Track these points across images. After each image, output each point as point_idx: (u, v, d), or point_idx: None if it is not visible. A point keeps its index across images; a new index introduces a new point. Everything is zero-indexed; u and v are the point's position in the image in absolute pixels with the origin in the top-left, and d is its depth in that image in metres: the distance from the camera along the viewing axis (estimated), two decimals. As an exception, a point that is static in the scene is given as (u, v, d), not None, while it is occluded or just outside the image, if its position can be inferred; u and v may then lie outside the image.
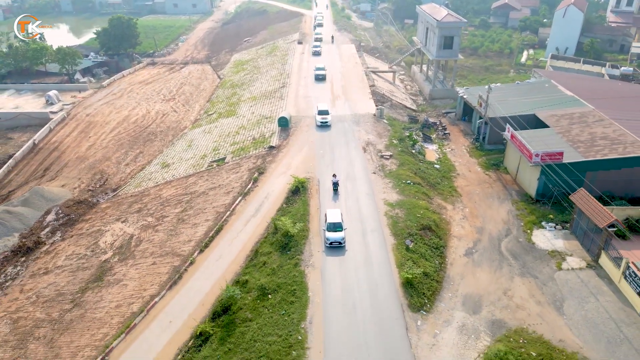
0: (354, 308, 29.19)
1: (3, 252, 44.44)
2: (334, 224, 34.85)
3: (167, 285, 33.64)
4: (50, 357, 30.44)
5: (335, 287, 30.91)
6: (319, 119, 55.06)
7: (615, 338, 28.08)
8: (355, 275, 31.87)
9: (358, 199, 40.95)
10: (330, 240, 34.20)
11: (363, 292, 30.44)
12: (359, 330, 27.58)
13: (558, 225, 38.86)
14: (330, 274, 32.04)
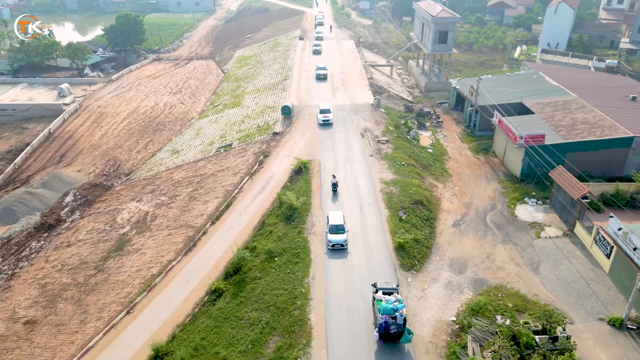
0: (351, 267, 32.69)
1: (26, 228, 47.95)
2: (336, 226, 34.57)
3: (182, 252, 37.15)
4: (79, 313, 33.92)
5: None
6: (321, 117, 55.78)
7: (585, 293, 31.57)
8: (354, 241, 35.32)
9: (356, 178, 44.43)
10: (332, 242, 33.87)
11: (360, 254, 33.92)
12: (356, 285, 31.06)
13: (539, 201, 42.36)
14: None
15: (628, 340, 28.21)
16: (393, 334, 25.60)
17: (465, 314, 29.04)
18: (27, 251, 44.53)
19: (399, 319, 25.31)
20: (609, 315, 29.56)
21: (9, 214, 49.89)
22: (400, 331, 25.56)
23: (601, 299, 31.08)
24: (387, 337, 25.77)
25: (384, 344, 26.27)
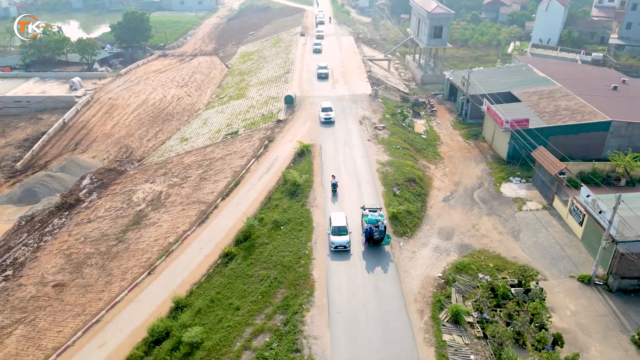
0: (332, 121, 36.47)
1: (48, 208, 51.60)
2: (339, 228, 34.44)
3: (196, 223, 40.80)
4: (103, 276, 37.58)
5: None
6: (323, 116, 56.22)
7: (558, 255, 35.22)
8: (352, 212, 38.89)
9: (354, 160, 48.05)
10: (335, 244, 33.77)
11: (357, 223, 37.49)
12: (354, 248, 34.65)
13: (523, 179, 46.03)
14: (331, 211, 38.98)
15: (594, 293, 31.87)
16: (376, 238, 33.57)
17: (451, 271, 32.69)
18: (50, 227, 48.20)
19: (380, 226, 33.26)
20: (579, 274, 33.24)
21: (30, 195, 53.54)
22: (382, 237, 33.59)
23: (573, 261, 34.73)
24: (372, 241, 33.81)
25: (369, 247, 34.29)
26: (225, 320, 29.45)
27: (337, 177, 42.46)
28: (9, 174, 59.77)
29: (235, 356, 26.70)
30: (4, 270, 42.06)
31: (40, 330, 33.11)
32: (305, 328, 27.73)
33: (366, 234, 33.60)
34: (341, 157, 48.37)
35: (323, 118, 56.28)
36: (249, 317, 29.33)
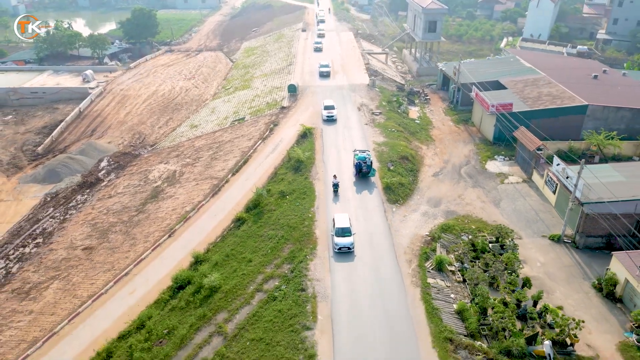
0: (348, 200, 40.72)
1: (70, 186, 55.97)
2: (343, 229, 34.35)
3: (210, 195, 45.21)
4: (128, 240, 41.98)
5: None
6: (325, 114, 56.69)
7: (533, 219, 39.65)
8: (350, 186, 43.27)
9: (353, 141, 52.42)
10: (339, 245, 33.59)
11: (355, 192, 41.89)
12: (352, 213, 39.00)
13: (507, 158, 50.45)
14: (331, 185, 43.29)
15: (562, 249, 36.29)
16: (364, 171, 43.40)
17: (437, 230, 37.12)
18: (74, 202, 52.61)
19: (367, 161, 43.05)
20: (550, 233, 37.65)
21: (53, 175, 57.95)
22: (368, 170, 43.42)
23: (546, 224, 39.16)
24: (360, 173, 43.55)
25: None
26: (239, 270, 33.85)
27: (338, 177, 42.47)
28: (31, 157, 64.14)
29: (249, 297, 31.10)
30: (34, 238, 46.49)
31: (75, 284, 37.51)
32: (309, 273, 32.15)
33: (356, 167, 43.34)
34: (340, 139, 52.76)
35: (325, 116, 56.85)
36: (260, 267, 33.74)
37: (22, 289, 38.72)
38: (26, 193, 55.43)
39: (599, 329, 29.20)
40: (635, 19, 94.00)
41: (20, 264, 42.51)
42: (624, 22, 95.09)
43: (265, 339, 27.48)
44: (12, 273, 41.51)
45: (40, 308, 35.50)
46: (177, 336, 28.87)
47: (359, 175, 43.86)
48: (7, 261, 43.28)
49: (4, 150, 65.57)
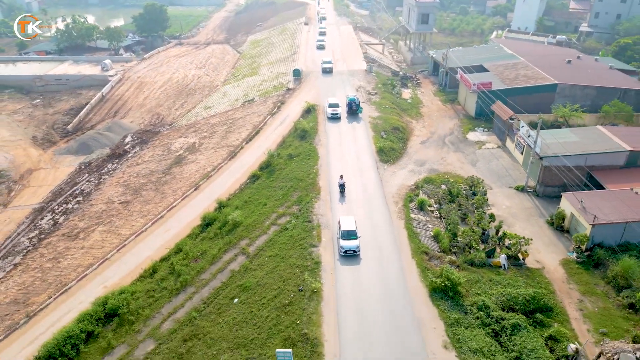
0: (346, 161, 47.87)
1: (101, 157, 63.15)
2: (348, 232, 34.02)
3: (227, 158, 52.37)
4: (159, 195, 49.14)
5: (334, 153, 49.50)
6: (329, 112, 57.49)
7: (503, 174, 46.82)
8: (347, 148, 50.42)
9: (351, 116, 59.52)
10: (345, 248, 33.41)
11: (352, 154, 49.05)
12: (349, 168, 46.16)
13: (486, 129, 57.58)
14: (332, 147, 50.50)
15: (525, 196, 43.45)
16: (354, 109, 57.65)
17: (420, 182, 44.29)
18: (106, 169, 59.79)
19: (356, 101, 57.50)
20: (516, 185, 44.79)
21: (85, 148, 65.13)
22: (357, 108, 57.49)
23: (513, 178, 46.33)
24: (350, 112, 57.36)
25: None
26: (256, 211, 41.02)
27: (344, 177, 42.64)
28: (63, 134, 71.29)
29: (266, 228, 38.27)
30: (75, 197, 53.64)
31: (117, 227, 44.70)
32: (314, 210, 39.34)
33: (348, 106, 58.32)
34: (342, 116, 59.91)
35: (330, 114, 57.45)
36: (273, 208, 40.91)
37: (71, 233, 45.93)
38: (62, 162, 62.60)
39: (548, 250, 36.35)
40: (614, 12, 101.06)
41: (66, 216, 49.69)
42: (604, 15, 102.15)
43: (280, 255, 34.66)
44: (59, 223, 48.69)
45: (90, 244, 42.69)
46: (209, 255, 36.05)
47: (349, 112, 58.42)
48: (53, 214, 50.47)
49: (37, 128, 72.73)
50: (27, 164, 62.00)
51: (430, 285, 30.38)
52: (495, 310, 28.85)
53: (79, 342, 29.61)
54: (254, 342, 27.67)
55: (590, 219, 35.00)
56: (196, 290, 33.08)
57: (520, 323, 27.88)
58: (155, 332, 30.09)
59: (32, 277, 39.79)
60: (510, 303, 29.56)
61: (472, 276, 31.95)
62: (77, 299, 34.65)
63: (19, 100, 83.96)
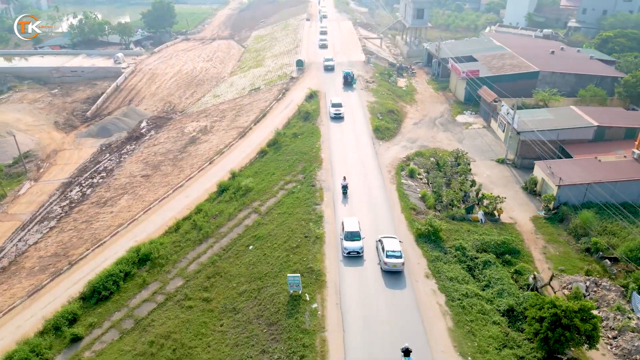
0: (346, 137, 53.24)
1: (120, 139, 68.55)
2: (352, 233, 33.77)
3: (238, 137, 57.75)
4: (177, 169, 54.50)
5: (335, 131, 54.86)
6: (333, 111, 57.89)
7: (486, 150, 52.19)
8: (347, 127, 55.81)
9: (350, 99, 64.90)
10: (348, 249, 33.15)
11: (351, 135, 54.36)
12: (348, 146, 51.51)
13: (473, 112, 62.95)
14: (332, 127, 55.78)
15: (504, 167, 48.87)
16: (349, 81, 67.51)
17: (411, 155, 49.68)
18: (125, 150, 65.18)
19: (351, 74, 68.47)
20: (497, 158, 50.16)
21: (105, 131, 70.53)
22: (352, 80, 67.86)
23: (495, 153, 51.72)
24: (346, 83, 67.50)
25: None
26: (266, 179, 46.39)
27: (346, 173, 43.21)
28: (82, 120, 76.70)
29: (275, 192, 43.62)
30: (99, 173, 59.04)
31: (141, 195, 50.09)
32: (317, 177, 44.74)
33: (344, 78, 69.32)
34: (341, 98, 65.22)
35: (333, 113, 57.74)
36: (281, 176, 46.28)
37: (100, 201, 51.36)
38: (84, 144, 68.00)
39: (520, 209, 41.73)
40: (601, 8, 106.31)
41: (92, 189, 55.11)
42: (591, 11, 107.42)
43: (288, 212, 40.04)
44: (87, 194, 54.08)
45: (118, 210, 48.09)
46: (226, 214, 41.42)
47: (345, 84, 68.97)
48: (81, 187, 55.87)
49: (57, 114, 78.13)
50: (52, 145, 67.43)
51: (416, 232, 35.79)
52: (470, 251, 34.23)
53: (118, 280, 34.98)
54: (267, 275, 33.04)
55: (557, 181, 40.37)
56: (216, 241, 38.46)
57: (491, 261, 33.26)
58: (183, 272, 35.47)
59: (69, 236, 45.22)
60: (484, 246, 34.95)
61: (452, 227, 37.34)
62: (112, 251, 40.00)
63: (38, 90, 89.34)
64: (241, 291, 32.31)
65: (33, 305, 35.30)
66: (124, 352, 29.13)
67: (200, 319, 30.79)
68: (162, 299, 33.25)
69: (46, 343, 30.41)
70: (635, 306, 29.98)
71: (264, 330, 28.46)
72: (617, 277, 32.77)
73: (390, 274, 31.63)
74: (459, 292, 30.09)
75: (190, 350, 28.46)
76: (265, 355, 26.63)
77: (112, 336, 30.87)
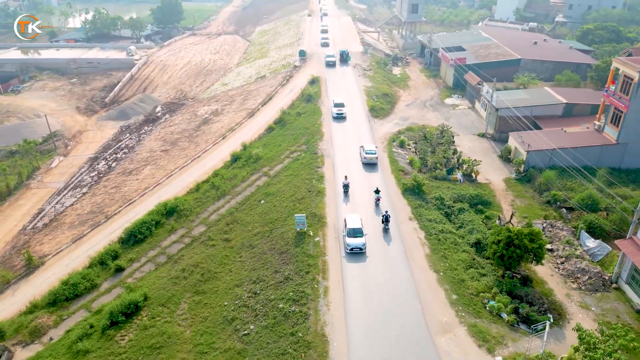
0: (344, 123, 59.52)
1: (137, 122, 74.92)
2: (354, 230, 34.30)
3: (247, 117, 64.12)
4: (193, 144, 60.85)
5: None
6: (335, 111, 58.62)
7: (469, 126, 58.51)
8: (346, 109, 62.08)
9: (348, 84, 71.31)
10: (351, 246, 33.58)
11: (349, 111, 60.65)
12: (347, 121, 57.82)
13: (460, 96, 69.29)
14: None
15: (484, 140, 55.21)
16: (344, 58, 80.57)
17: (403, 130, 56.04)
18: (143, 131, 71.56)
19: (346, 52, 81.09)
20: (478, 132, 56.51)
21: (123, 115, 76.94)
22: (347, 57, 79.96)
23: (477, 129, 58.06)
24: (342, 59, 79.65)
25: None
26: (273, 149, 52.73)
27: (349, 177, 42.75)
28: (102, 105, 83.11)
29: (282, 160, 49.94)
30: (122, 149, 65.39)
31: (162, 166, 56.45)
32: (318, 146, 51.08)
33: (340, 55, 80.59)
34: (340, 83, 71.71)
35: (335, 113, 58.46)
36: (287, 147, 52.62)
37: (125, 171, 57.73)
38: (105, 126, 74.39)
39: (495, 173, 48.03)
40: (586, 4, 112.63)
41: (117, 162, 61.47)
42: (577, 7, 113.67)
43: (293, 174, 46.38)
44: (112, 167, 60.43)
45: (143, 177, 54.46)
46: (239, 177, 47.76)
47: (341, 60, 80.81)
48: (106, 161, 62.22)
49: (78, 101, 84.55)
50: (76, 127, 73.83)
51: (402, 187, 42.15)
52: (448, 201, 40.56)
53: (151, 226, 41.31)
54: (277, 220, 39.39)
55: (526, 147, 46.70)
56: (232, 197, 44.81)
57: (465, 208, 39.61)
58: (205, 221, 41.82)
59: (101, 198, 51.60)
60: (460, 198, 41.27)
61: (434, 184, 43.69)
62: (141, 208, 46.31)
63: (57, 79, 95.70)
64: (256, 232, 38.67)
65: (78, 249, 41.70)
66: (160, 277, 35.46)
67: (222, 253, 37.14)
68: (188, 241, 39.59)
69: (94, 272, 36.79)
70: (582, 241, 36.30)
71: (276, 257, 34.80)
72: (570, 221, 39.07)
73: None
74: (436, 230, 36.44)
75: (216, 274, 34.81)
76: (277, 274, 32.97)
77: (149, 268, 37.21)
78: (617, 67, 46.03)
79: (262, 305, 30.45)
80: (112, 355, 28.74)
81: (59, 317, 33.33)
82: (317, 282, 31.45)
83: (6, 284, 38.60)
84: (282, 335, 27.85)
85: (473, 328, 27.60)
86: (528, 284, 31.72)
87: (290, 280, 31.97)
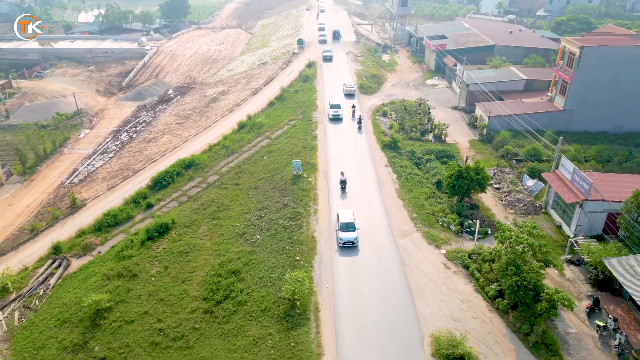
0: (336, 92, 68.16)
1: (152, 102, 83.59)
2: (347, 224, 35.02)
3: (251, 95, 72.78)
4: (203, 118, 69.51)
5: (328, 88, 69.75)
6: (331, 112, 59.17)
7: (445, 102, 67.22)
8: (338, 84, 70.67)
9: (340, 67, 79.98)
10: (343, 240, 34.34)
11: (340, 89, 69.32)
12: (339, 97, 66.46)
13: (439, 77, 77.94)
14: (327, 85, 70.59)
15: (457, 112, 63.92)
16: (337, 37, 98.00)
17: (387, 103, 64.71)
18: (159, 109, 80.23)
19: (338, 32, 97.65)
20: (451, 106, 65.19)
21: (139, 96, 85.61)
22: (339, 36, 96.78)
23: (452, 103, 66.76)
24: (335, 38, 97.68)
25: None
26: (274, 119, 61.37)
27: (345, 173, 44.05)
28: (119, 88, 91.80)
29: (281, 126, 58.57)
30: (140, 124, 74.03)
31: (178, 134, 65.11)
32: (313, 116, 59.77)
33: (333, 34, 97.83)
34: (334, 67, 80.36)
35: (331, 115, 58.85)
36: (286, 117, 61.28)
37: (145, 140, 66.37)
38: (124, 105, 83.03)
39: (463, 136, 56.67)
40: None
41: (137, 133, 70.12)
42: (557, 1, 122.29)
43: (292, 136, 55.01)
44: (133, 137, 69.07)
45: (162, 143, 63.10)
46: (246, 140, 56.39)
47: (334, 37, 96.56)
48: (127, 133, 70.86)
49: (97, 84, 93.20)
50: (98, 106, 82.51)
51: (382, 143, 50.82)
52: (418, 154, 49.26)
53: (173, 175, 49.96)
54: (277, 169, 48.04)
55: (488, 113, 55.35)
56: (239, 155, 53.46)
57: (432, 159, 48.30)
58: (218, 172, 50.47)
59: (127, 160, 60.26)
60: (429, 152, 49.95)
61: (408, 142, 52.37)
62: (163, 165, 54.83)
63: (75, 67, 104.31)
64: (260, 178, 47.34)
65: (112, 194, 50.33)
66: (184, 210, 44.12)
67: (233, 193, 45.80)
68: (205, 186, 48.24)
69: (129, 208, 45.47)
70: (524, 182, 44.95)
71: (277, 193, 43.48)
72: (517, 169, 47.73)
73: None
74: (405, 173, 45.14)
75: (228, 206, 43.48)
76: (278, 203, 41.63)
77: (173, 205, 45.86)
78: (564, 45, 54.67)
79: (266, 223, 39.15)
80: (150, 258, 37.38)
81: (104, 238, 41.97)
82: (309, 206, 40.17)
83: (55, 219, 47.27)
84: (282, 239, 36.55)
85: (426, 233, 36.31)
86: (475, 209, 40.38)
87: (288, 206, 40.66)
